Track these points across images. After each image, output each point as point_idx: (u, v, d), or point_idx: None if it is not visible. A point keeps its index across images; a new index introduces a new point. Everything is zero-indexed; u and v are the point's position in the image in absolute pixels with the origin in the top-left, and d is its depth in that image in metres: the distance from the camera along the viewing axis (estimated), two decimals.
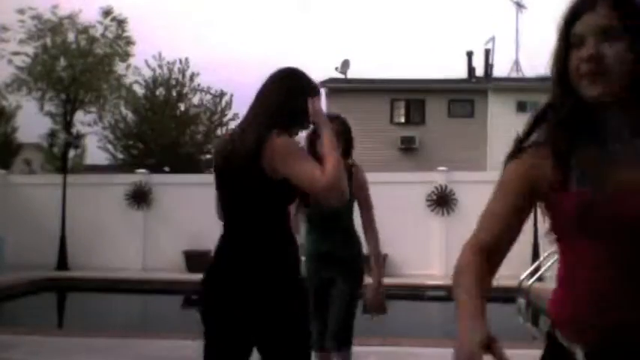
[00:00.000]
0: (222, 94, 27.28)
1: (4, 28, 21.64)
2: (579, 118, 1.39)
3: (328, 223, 3.67)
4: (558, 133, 1.41)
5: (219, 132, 27.60)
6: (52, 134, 17.99)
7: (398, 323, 7.47)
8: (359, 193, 3.59)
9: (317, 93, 2.51)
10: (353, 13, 64.09)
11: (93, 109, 23.79)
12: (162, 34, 54.71)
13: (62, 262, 14.22)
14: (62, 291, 12.87)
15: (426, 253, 13.74)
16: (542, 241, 12.26)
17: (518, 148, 1.47)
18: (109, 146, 26.84)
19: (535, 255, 12.41)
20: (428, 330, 8.75)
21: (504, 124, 22.53)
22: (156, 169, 20.69)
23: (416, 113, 25.60)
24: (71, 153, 21.43)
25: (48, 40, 22.19)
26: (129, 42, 23.45)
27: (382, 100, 25.90)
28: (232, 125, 27.48)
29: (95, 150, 27.47)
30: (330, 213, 3.50)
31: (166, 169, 21.77)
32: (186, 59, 26.68)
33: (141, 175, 15.56)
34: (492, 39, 28.52)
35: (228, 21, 67.60)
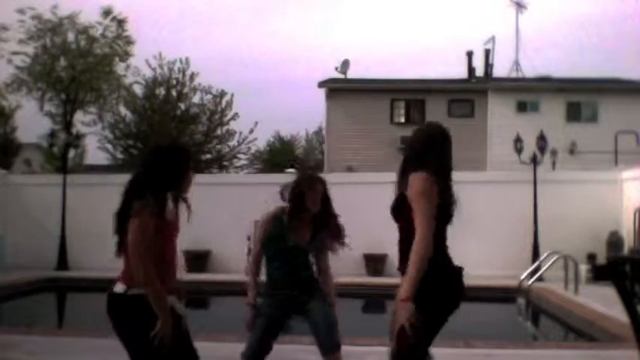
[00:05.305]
0: (222, 94, 27.24)
1: (4, 28, 21.64)
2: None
3: (291, 254, 4.04)
4: None
5: (219, 132, 27.61)
6: (52, 134, 17.96)
7: None
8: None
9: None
10: (353, 12, 64.16)
11: (93, 109, 23.83)
12: (163, 34, 54.75)
13: (62, 262, 14.19)
14: (62, 291, 12.86)
15: None
16: (542, 242, 12.29)
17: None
18: (109, 146, 26.83)
19: (535, 255, 12.40)
20: None
21: (504, 124, 22.56)
22: None
23: (416, 113, 25.59)
24: (71, 153, 21.43)
25: (48, 40, 22.18)
26: (129, 42, 23.43)
27: (382, 100, 25.89)
28: (232, 125, 27.52)
29: (95, 150, 27.49)
30: (295, 248, 4.01)
31: None
32: (187, 59, 26.67)
33: None
34: (492, 39, 28.53)
35: (229, 20, 67.60)
